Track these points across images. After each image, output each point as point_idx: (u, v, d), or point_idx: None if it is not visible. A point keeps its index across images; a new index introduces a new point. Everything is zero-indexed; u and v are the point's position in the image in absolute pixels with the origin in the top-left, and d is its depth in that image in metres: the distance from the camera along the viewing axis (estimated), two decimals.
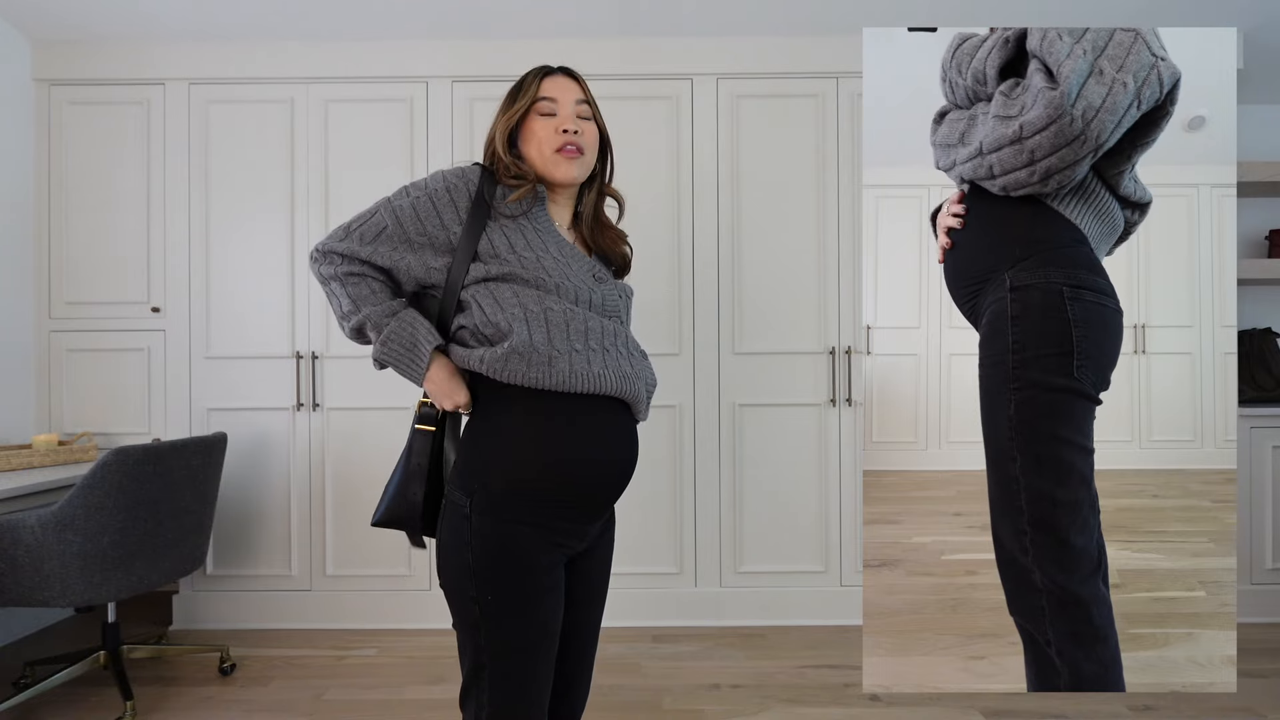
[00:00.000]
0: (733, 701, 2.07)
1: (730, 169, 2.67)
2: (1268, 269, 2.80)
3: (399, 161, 2.66)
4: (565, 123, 1.08)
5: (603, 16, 2.53)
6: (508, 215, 1.06)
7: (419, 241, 1.05)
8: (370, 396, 2.62)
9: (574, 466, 1.02)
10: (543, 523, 1.02)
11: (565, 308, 1.02)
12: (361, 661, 2.37)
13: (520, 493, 1.01)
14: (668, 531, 2.67)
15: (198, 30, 2.58)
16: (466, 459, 1.04)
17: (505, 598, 1.00)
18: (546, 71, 1.12)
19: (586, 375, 1.01)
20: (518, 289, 1.01)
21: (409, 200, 1.07)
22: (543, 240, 1.07)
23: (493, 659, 1.01)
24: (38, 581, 1.81)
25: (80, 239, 2.66)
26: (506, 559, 1.00)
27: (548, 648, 1.03)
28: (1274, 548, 2.63)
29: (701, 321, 2.66)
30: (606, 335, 1.05)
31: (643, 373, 1.11)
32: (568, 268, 1.06)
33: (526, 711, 1.02)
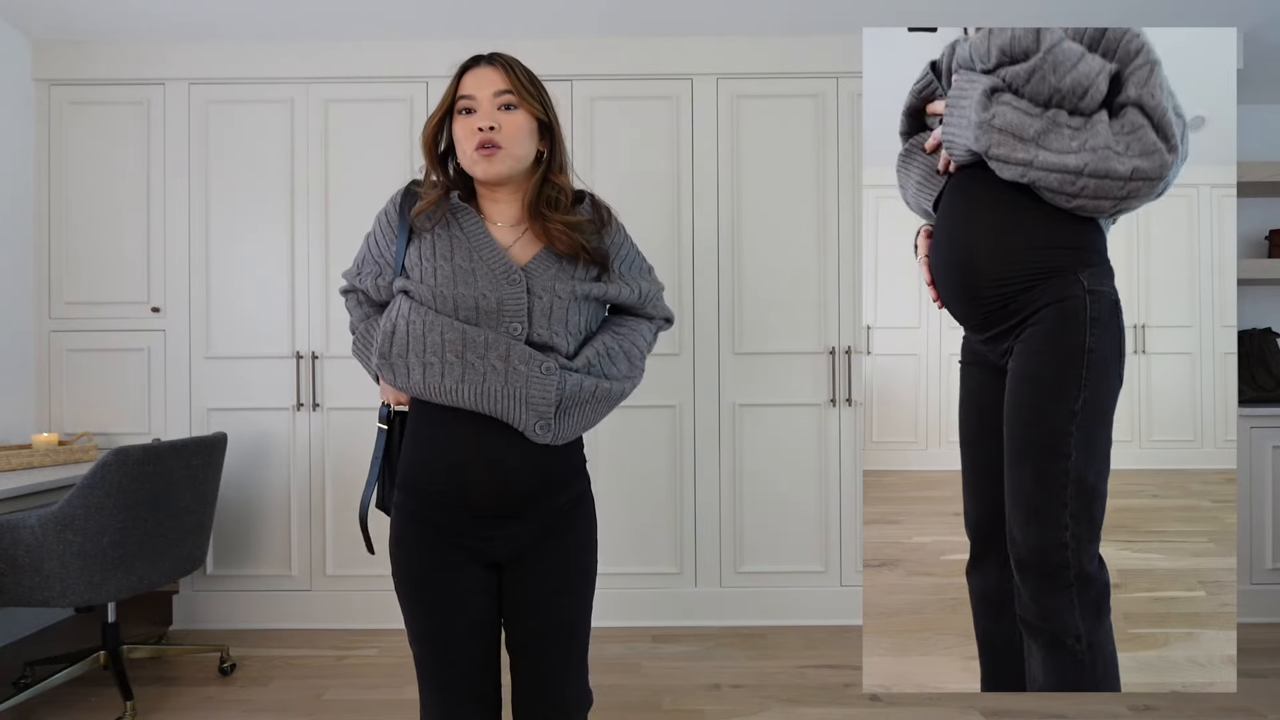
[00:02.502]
0: (733, 701, 2.07)
1: (730, 169, 2.67)
2: (1268, 269, 2.80)
3: (399, 161, 2.66)
4: (480, 120, 1.05)
5: (602, 16, 2.53)
6: (425, 228, 1.10)
7: (381, 264, 1.15)
8: (370, 396, 2.62)
9: (446, 471, 1.06)
10: (434, 521, 1.08)
11: (426, 319, 1.04)
12: (362, 661, 2.37)
13: (408, 489, 1.09)
14: (668, 531, 2.67)
15: (198, 30, 2.58)
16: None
17: (401, 590, 1.10)
18: (467, 66, 1.09)
19: (439, 389, 1.03)
20: (403, 300, 1.07)
21: (371, 228, 1.17)
22: (451, 248, 1.07)
23: (411, 645, 1.12)
24: (38, 581, 1.81)
25: (80, 239, 2.66)
26: (400, 551, 1.10)
27: (454, 643, 1.08)
28: (1274, 548, 2.63)
29: (701, 321, 2.66)
30: (472, 348, 1.02)
31: (526, 389, 1.02)
32: (470, 275, 1.05)
33: (447, 700, 1.09)
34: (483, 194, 1.14)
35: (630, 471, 2.64)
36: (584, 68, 2.61)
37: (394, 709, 2.04)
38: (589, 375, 1.08)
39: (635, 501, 2.62)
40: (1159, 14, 2.48)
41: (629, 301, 1.16)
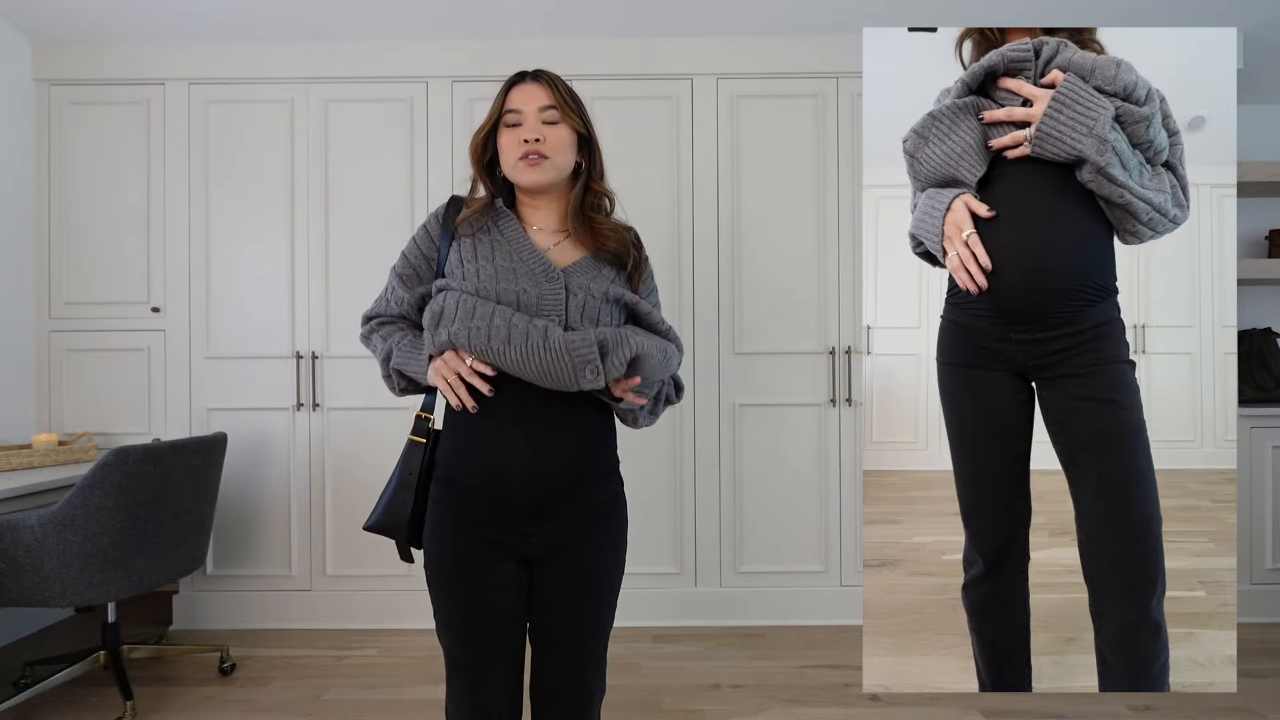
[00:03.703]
0: (733, 701, 2.07)
1: (730, 169, 2.67)
2: (1268, 269, 2.80)
3: (399, 161, 2.66)
4: (526, 133, 1.13)
5: (603, 16, 2.53)
6: (467, 234, 1.16)
7: (413, 279, 1.20)
8: (370, 396, 2.62)
9: (484, 465, 1.09)
10: (469, 515, 1.10)
11: (475, 302, 1.08)
12: (362, 661, 2.37)
13: (446, 483, 1.13)
14: (668, 531, 2.67)
15: (198, 30, 2.58)
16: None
17: (433, 581, 1.13)
18: (514, 82, 1.18)
19: (485, 349, 1.05)
20: (448, 291, 1.11)
21: (402, 252, 1.22)
22: (492, 250, 1.14)
23: (439, 637, 1.14)
24: (38, 581, 1.81)
25: (80, 239, 2.66)
26: (434, 543, 1.13)
27: (483, 636, 1.10)
28: (1274, 548, 2.63)
29: (701, 321, 2.66)
30: (518, 323, 1.05)
31: (567, 345, 1.04)
32: (511, 274, 1.11)
33: (474, 691, 1.11)
34: (523, 201, 1.21)
35: (631, 471, 2.63)
36: (584, 67, 2.61)
37: (394, 709, 2.04)
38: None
39: (635, 501, 2.59)
40: (1159, 14, 2.48)
41: (647, 314, 1.19)
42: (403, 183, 2.66)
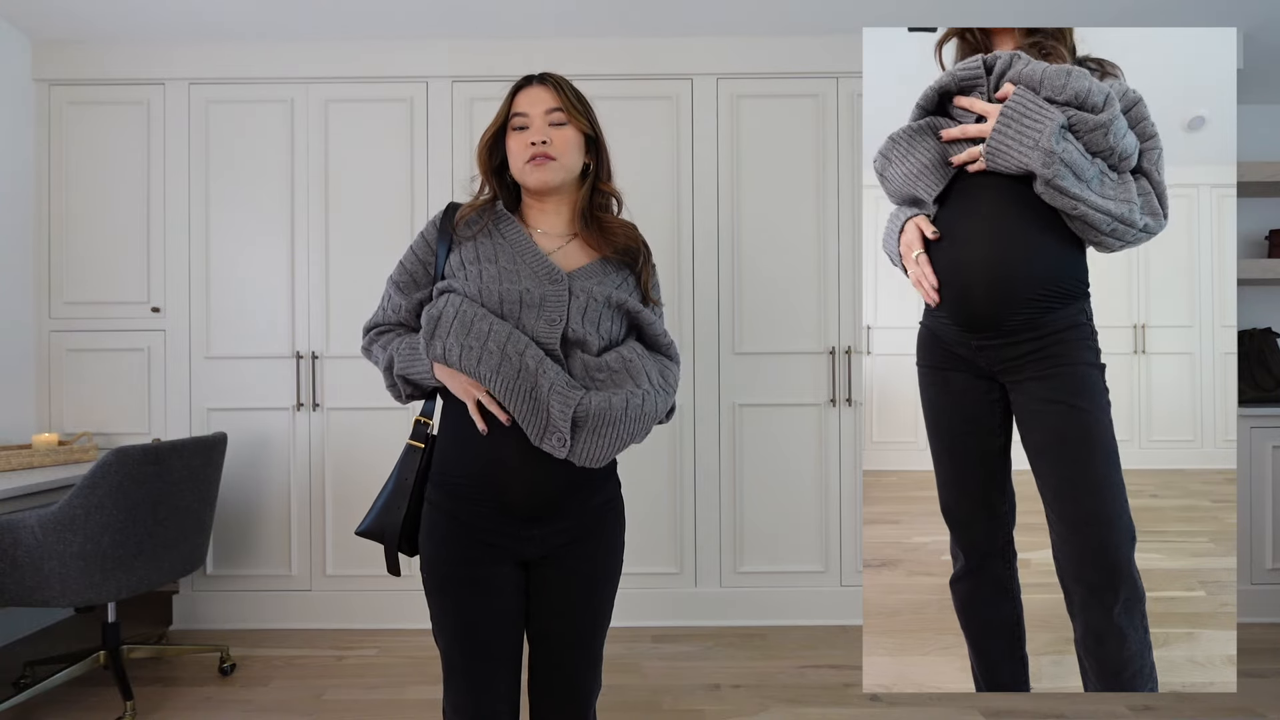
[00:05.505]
0: (733, 701, 2.07)
1: (730, 169, 2.67)
2: (1268, 269, 2.80)
3: (399, 161, 2.66)
4: (533, 135, 1.14)
5: (603, 16, 2.53)
6: (467, 236, 1.16)
7: (410, 285, 1.19)
8: (370, 396, 2.62)
9: (481, 469, 1.09)
10: (466, 518, 1.10)
11: (475, 309, 1.06)
12: (361, 661, 2.37)
13: (442, 485, 1.12)
14: (668, 531, 2.67)
15: (198, 30, 2.58)
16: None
17: (430, 584, 1.13)
18: (520, 86, 1.18)
19: (474, 372, 1.03)
20: (450, 295, 1.09)
21: (399, 261, 1.21)
22: (495, 252, 1.13)
23: (436, 639, 1.14)
24: (38, 581, 1.81)
25: (80, 239, 2.66)
26: (430, 546, 1.13)
27: (480, 639, 1.10)
28: (1274, 548, 2.63)
29: (701, 321, 2.66)
30: (514, 345, 1.03)
31: (549, 398, 1.01)
32: (514, 275, 1.10)
33: (472, 694, 1.11)
34: (529, 204, 1.20)
35: (630, 471, 2.63)
36: (584, 67, 2.61)
37: (394, 709, 2.04)
38: (617, 390, 1.05)
39: (635, 501, 2.59)
40: (1159, 14, 2.48)
41: (649, 324, 1.16)
42: (403, 183, 2.66)
